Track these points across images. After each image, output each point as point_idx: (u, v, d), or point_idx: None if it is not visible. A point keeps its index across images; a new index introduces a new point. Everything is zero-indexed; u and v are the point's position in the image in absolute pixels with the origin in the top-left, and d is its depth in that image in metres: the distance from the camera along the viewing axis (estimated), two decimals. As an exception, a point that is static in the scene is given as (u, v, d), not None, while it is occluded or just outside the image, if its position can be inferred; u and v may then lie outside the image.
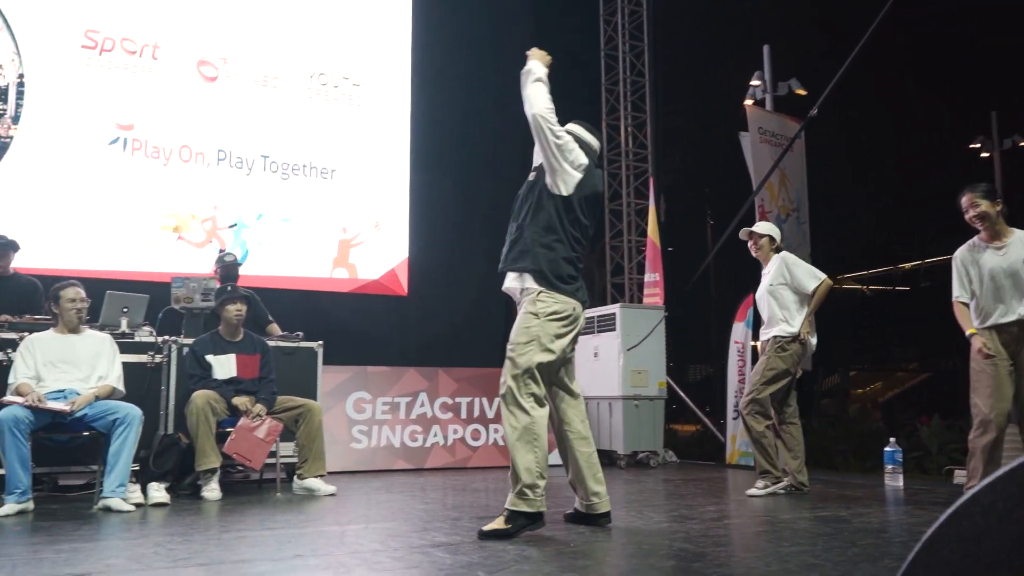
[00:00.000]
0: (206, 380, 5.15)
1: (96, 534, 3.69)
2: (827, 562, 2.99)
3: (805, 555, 3.13)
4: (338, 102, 8.80)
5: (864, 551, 3.23)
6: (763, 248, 5.52)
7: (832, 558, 3.06)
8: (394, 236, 9.00)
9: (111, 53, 7.74)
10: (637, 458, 7.60)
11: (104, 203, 7.58)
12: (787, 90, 8.94)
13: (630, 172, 11.05)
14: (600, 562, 3.09)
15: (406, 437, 6.97)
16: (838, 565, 2.93)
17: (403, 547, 3.33)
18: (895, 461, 5.85)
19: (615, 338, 7.57)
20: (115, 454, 4.45)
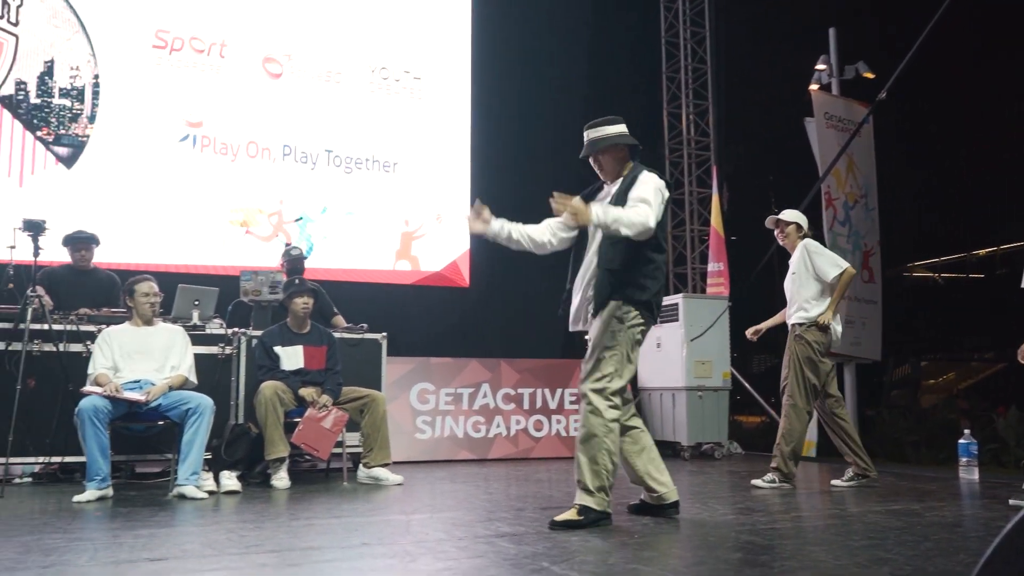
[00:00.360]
0: (274, 371, 5.26)
1: (172, 520, 3.81)
2: (899, 556, 2.92)
3: (876, 549, 3.06)
4: (399, 96, 8.88)
5: (938, 545, 3.15)
6: (790, 236, 5.46)
7: (904, 552, 3.00)
8: (455, 228, 9.05)
9: (180, 52, 7.94)
10: (701, 449, 7.53)
11: (175, 199, 7.79)
12: (854, 74, 8.70)
13: (692, 161, 10.91)
14: (665, 554, 3.08)
15: (469, 427, 7.02)
16: (910, 560, 2.86)
17: (468, 537, 3.36)
18: (970, 454, 5.68)
19: (678, 328, 7.50)
20: (188, 443, 4.58)
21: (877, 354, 8.29)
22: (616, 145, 3.84)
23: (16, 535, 3.31)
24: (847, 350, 7.97)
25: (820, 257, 5.26)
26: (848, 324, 7.90)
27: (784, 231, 5.48)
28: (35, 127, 7.41)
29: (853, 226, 8.11)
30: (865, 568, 2.73)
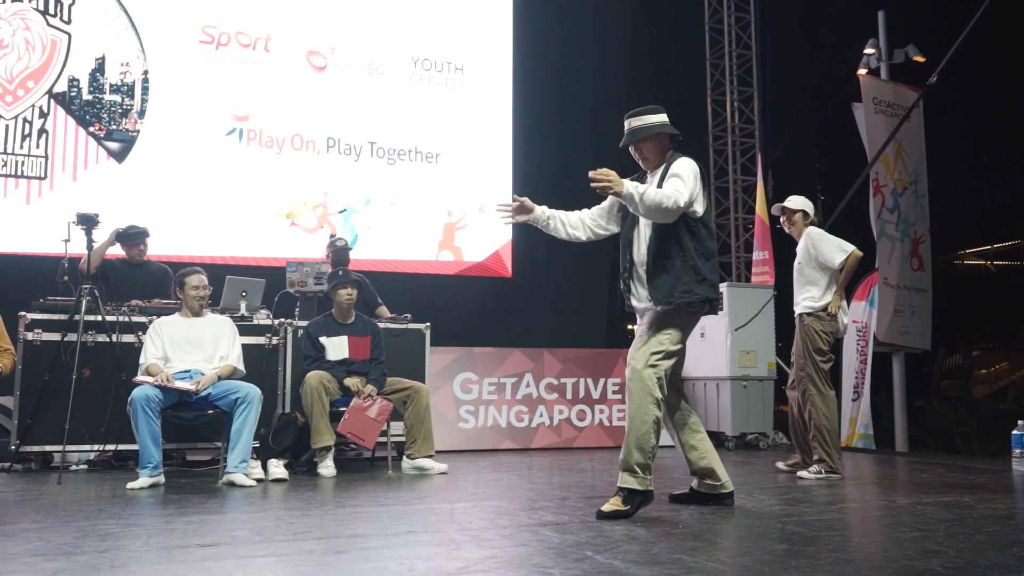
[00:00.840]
0: (320, 361, 5.32)
1: (221, 507, 3.88)
2: (950, 549, 2.87)
3: (926, 541, 3.02)
4: (441, 87, 8.91)
5: (990, 538, 3.09)
6: (796, 224, 5.38)
7: (955, 545, 2.94)
8: (498, 218, 9.03)
9: (226, 47, 8.06)
10: (746, 439, 7.47)
11: (222, 192, 7.91)
12: (903, 57, 8.53)
13: (736, 148, 10.79)
14: (710, 543, 3.06)
15: (512, 417, 7.04)
16: (961, 552, 2.82)
17: (511, 525, 3.38)
18: (1023, 445, 5.55)
19: (722, 317, 7.43)
20: (237, 431, 4.66)
21: (927, 343, 8.14)
22: (658, 134, 3.82)
23: (73, 520, 3.40)
24: (896, 339, 7.85)
25: (824, 243, 5.20)
26: (897, 313, 7.78)
27: (791, 219, 5.41)
28: (87, 123, 7.58)
29: (902, 213, 7.96)
30: (915, 561, 2.69)
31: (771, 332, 7.59)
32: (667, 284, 3.67)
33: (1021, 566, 2.62)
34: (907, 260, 7.97)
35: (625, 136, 3.88)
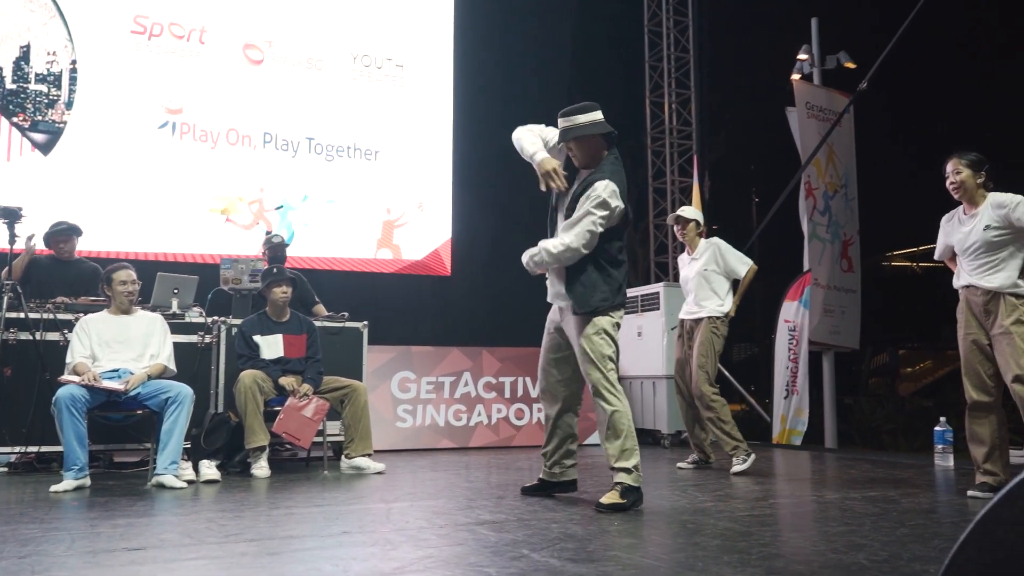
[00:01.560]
0: (254, 360, 5.23)
1: (150, 510, 3.79)
2: (875, 542, 2.95)
3: (853, 535, 3.10)
4: (381, 83, 8.84)
5: (913, 531, 3.19)
6: (690, 232, 5.65)
7: (880, 538, 3.03)
8: (437, 216, 9.03)
9: (160, 38, 7.86)
10: (681, 437, 7.57)
11: (154, 186, 7.72)
12: (835, 64, 8.75)
13: (674, 150, 10.93)
14: (645, 541, 3.10)
15: (450, 416, 7.02)
16: (887, 545, 2.90)
17: (448, 524, 3.37)
18: (945, 441, 5.75)
19: (659, 317, 7.53)
20: (167, 432, 4.55)
21: (855, 343, 8.37)
22: (590, 134, 3.83)
23: (-8, 525, 3.28)
24: (826, 339, 8.04)
25: (731, 254, 5.55)
26: (827, 313, 7.98)
27: (685, 228, 5.68)
28: (11, 113, 7.32)
29: (833, 216, 8.16)
30: (842, 554, 2.76)
31: (706, 331, 7.70)
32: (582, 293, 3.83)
33: (943, 558, 2.71)
34: (837, 261, 8.18)
35: (558, 134, 3.90)
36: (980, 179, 4.23)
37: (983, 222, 4.20)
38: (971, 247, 4.25)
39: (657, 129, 11.08)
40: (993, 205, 4.17)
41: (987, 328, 4.19)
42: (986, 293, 4.20)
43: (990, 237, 4.16)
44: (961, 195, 4.28)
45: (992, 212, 4.17)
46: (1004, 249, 4.16)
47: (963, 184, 4.23)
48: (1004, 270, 4.16)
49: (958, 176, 4.24)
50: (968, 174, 4.22)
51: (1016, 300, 4.11)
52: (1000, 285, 4.14)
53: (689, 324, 5.61)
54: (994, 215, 4.15)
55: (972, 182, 4.22)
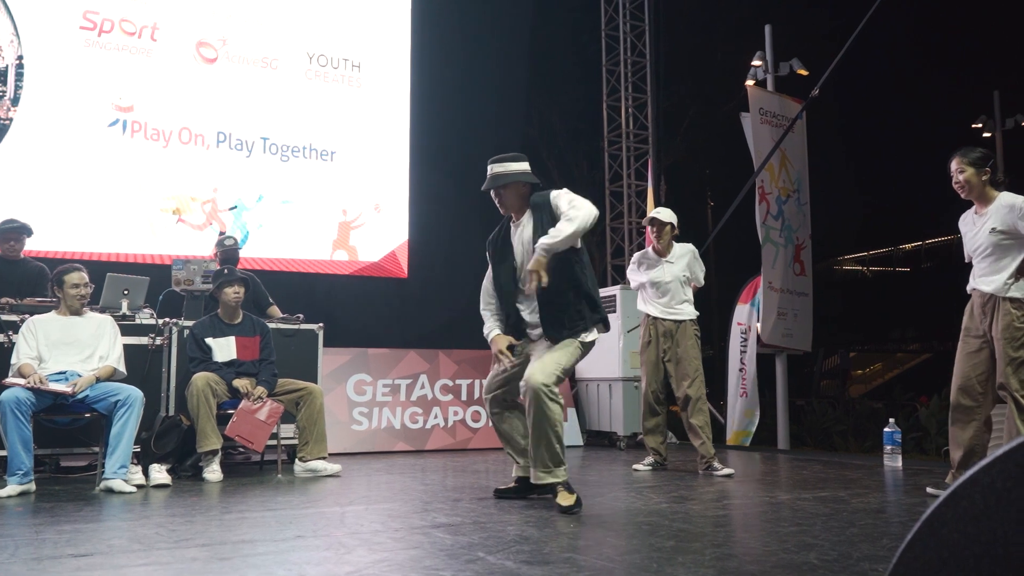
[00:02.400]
0: (207, 363, 5.15)
1: (98, 515, 3.71)
2: (825, 542, 3.00)
3: (804, 535, 3.14)
4: (338, 84, 8.77)
5: (863, 531, 3.25)
6: (666, 236, 5.63)
7: (830, 538, 3.08)
8: (394, 218, 8.99)
9: (110, 34, 7.71)
10: (637, 439, 7.62)
11: (104, 185, 7.56)
12: (788, 70, 8.88)
13: (631, 154, 11.01)
14: (600, 542, 3.11)
15: (407, 419, 6.99)
16: (836, 545, 2.95)
17: (404, 528, 3.35)
18: (894, 442, 5.87)
19: (615, 320, 7.58)
20: (117, 436, 4.46)
21: (808, 345, 8.49)
22: (519, 182, 4.00)
23: (-68, 532, 3.19)
24: (779, 341, 8.15)
25: (699, 262, 5.70)
26: (780, 316, 8.09)
27: (661, 231, 5.64)
28: (-46, 108, 7.12)
29: (786, 220, 8.28)
30: (793, 554, 2.80)
31: (662, 334, 7.76)
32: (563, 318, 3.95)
33: (891, 557, 2.76)
34: (790, 265, 8.30)
35: (487, 180, 4.04)
36: (985, 176, 4.11)
37: (990, 223, 4.09)
38: (978, 248, 4.18)
39: (614, 133, 11.15)
40: (1003, 206, 4.06)
41: (987, 332, 4.15)
42: (983, 296, 4.16)
43: (996, 240, 4.08)
44: (968, 194, 4.17)
45: (1000, 213, 4.06)
46: (1008, 253, 4.08)
47: (968, 183, 4.12)
48: (1003, 274, 4.09)
49: (962, 175, 4.13)
50: (971, 172, 4.11)
51: (1011, 305, 4.06)
52: (996, 289, 4.09)
53: (668, 324, 5.56)
54: (1002, 217, 4.05)
55: (977, 180, 4.11)
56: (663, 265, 5.61)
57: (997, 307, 4.10)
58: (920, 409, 9.06)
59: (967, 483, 0.97)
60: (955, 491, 0.97)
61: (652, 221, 5.70)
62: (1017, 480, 0.92)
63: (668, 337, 5.55)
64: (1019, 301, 4.06)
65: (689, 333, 5.52)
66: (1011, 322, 4.04)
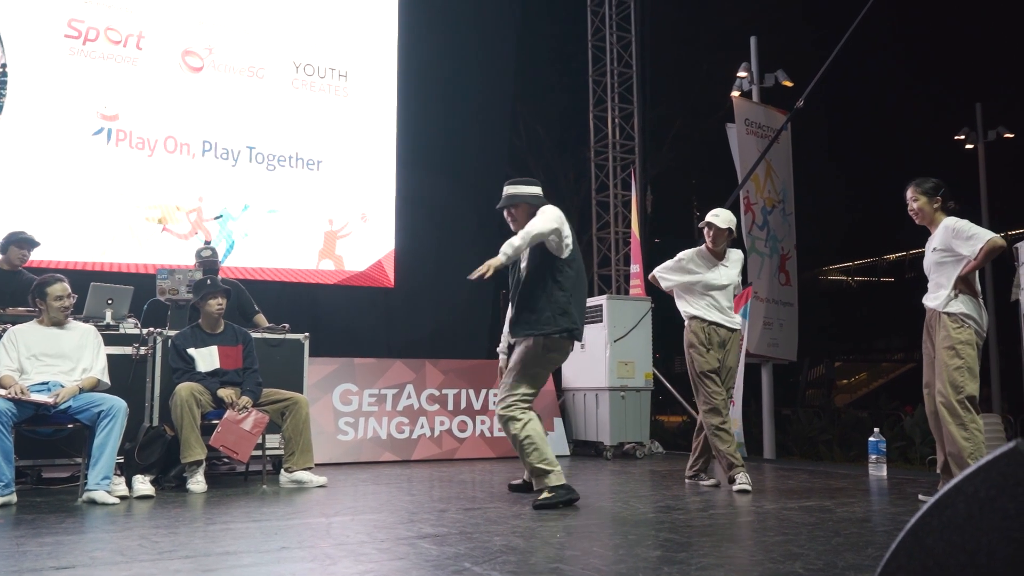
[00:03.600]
0: (190, 373, 5.12)
1: (80, 527, 3.67)
2: (811, 551, 3.01)
3: (789, 544, 3.15)
4: (324, 93, 8.76)
5: (848, 540, 3.25)
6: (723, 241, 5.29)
7: (816, 547, 3.09)
8: (381, 228, 8.97)
9: (95, 43, 7.67)
10: (623, 449, 7.62)
11: (88, 194, 7.52)
12: (773, 82, 8.94)
13: (617, 164, 11.04)
14: (586, 552, 3.10)
15: (393, 429, 6.96)
16: (822, 555, 2.95)
17: (389, 539, 3.33)
18: (879, 451, 5.89)
19: (602, 329, 7.58)
20: (100, 446, 4.42)
21: (793, 355, 8.53)
22: (531, 204, 4.40)
23: (-90, 545, 3.14)
24: (764, 351, 8.18)
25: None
26: (766, 326, 8.12)
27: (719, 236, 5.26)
28: (-63, 116, 7.06)
29: (771, 230, 8.33)
30: (779, 563, 2.80)
31: (648, 344, 7.79)
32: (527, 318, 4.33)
33: (876, 566, 2.77)
34: (775, 275, 8.34)
35: (503, 199, 4.48)
36: (936, 204, 4.45)
37: (933, 244, 4.44)
38: (927, 268, 4.51)
39: (600, 143, 11.19)
40: (943, 227, 4.38)
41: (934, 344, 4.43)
42: (929, 312, 4.46)
43: (936, 258, 4.40)
44: (921, 220, 4.52)
45: (940, 234, 4.38)
46: (946, 272, 4.35)
47: (921, 210, 4.48)
48: (943, 291, 4.37)
49: (915, 203, 4.49)
50: (924, 201, 4.46)
51: (947, 319, 4.32)
52: (937, 305, 4.38)
53: (724, 333, 5.20)
54: (940, 237, 4.37)
55: (928, 208, 4.46)
56: (720, 268, 5.25)
57: (938, 321, 4.38)
58: (905, 418, 9.11)
59: (951, 492, 0.97)
60: (939, 500, 0.98)
61: (708, 225, 5.27)
62: (1000, 489, 0.93)
63: (721, 347, 5.21)
64: (955, 316, 4.32)
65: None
66: (948, 333, 4.31)
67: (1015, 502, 0.91)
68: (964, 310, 4.31)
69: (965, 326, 4.29)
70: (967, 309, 4.31)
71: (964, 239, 4.26)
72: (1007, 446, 0.94)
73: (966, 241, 4.25)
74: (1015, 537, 0.90)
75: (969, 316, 4.30)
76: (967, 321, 4.30)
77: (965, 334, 4.28)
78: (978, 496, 0.94)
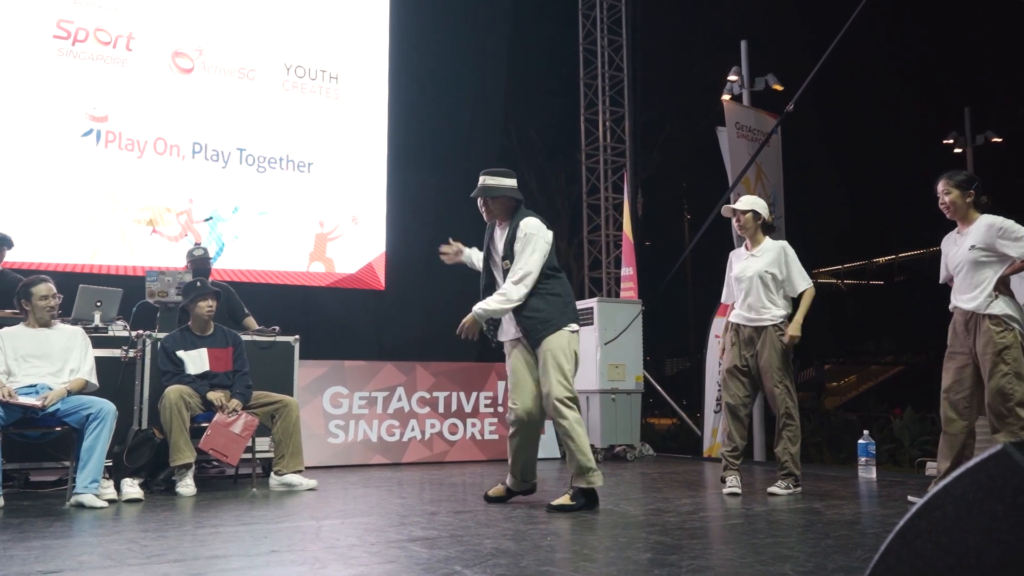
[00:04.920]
0: (180, 376, 5.10)
1: (68, 531, 3.65)
2: (801, 554, 3.01)
3: (779, 547, 3.15)
4: (315, 95, 8.74)
5: (837, 542, 3.26)
6: (748, 225, 5.01)
7: (805, 549, 3.09)
8: (371, 230, 8.96)
9: (84, 43, 7.64)
10: (614, 452, 7.63)
11: (77, 196, 7.49)
12: (764, 85, 8.97)
13: (608, 167, 11.07)
14: (577, 555, 3.10)
15: (383, 432, 6.95)
16: (811, 557, 2.96)
17: (380, 542, 3.32)
18: (868, 453, 5.91)
19: (593, 332, 7.59)
20: (88, 449, 4.39)
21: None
22: (507, 196, 4.44)
23: None
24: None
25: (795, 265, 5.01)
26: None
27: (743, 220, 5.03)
28: (-76, 117, 7.02)
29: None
30: (769, 566, 2.81)
31: (639, 346, 7.80)
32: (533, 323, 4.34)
33: (865, 568, 2.77)
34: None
35: (479, 188, 4.46)
36: (969, 198, 4.27)
37: (970, 241, 4.24)
38: (959, 266, 4.31)
39: (591, 146, 11.20)
40: (984, 225, 4.22)
41: (971, 349, 4.23)
42: (964, 313, 4.27)
43: (973, 256, 4.21)
44: (952, 214, 4.34)
45: (980, 232, 4.21)
46: (986, 271, 4.19)
47: (953, 204, 4.29)
48: (982, 291, 4.19)
49: (947, 197, 4.30)
50: (957, 194, 4.27)
51: (990, 322, 4.14)
52: (976, 306, 4.20)
53: (748, 332, 4.97)
54: (981, 235, 4.20)
55: (961, 201, 4.27)
56: (748, 260, 5.01)
57: (978, 324, 4.19)
58: (894, 421, 9.14)
59: (940, 494, 0.97)
60: (928, 502, 0.98)
61: (732, 212, 5.09)
62: (988, 491, 0.93)
63: (749, 345, 4.95)
64: (998, 318, 4.15)
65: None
66: (991, 338, 4.13)
67: (1003, 504, 0.91)
68: (1008, 311, 4.14)
69: (1009, 328, 4.12)
70: (1011, 310, 4.15)
71: (1013, 239, 4.10)
72: (995, 448, 0.95)
73: (1015, 241, 4.10)
74: (1003, 539, 0.91)
75: (1013, 318, 4.14)
76: (1011, 323, 4.13)
77: (1009, 337, 4.11)
78: (966, 498, 0.94)
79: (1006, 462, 0.92)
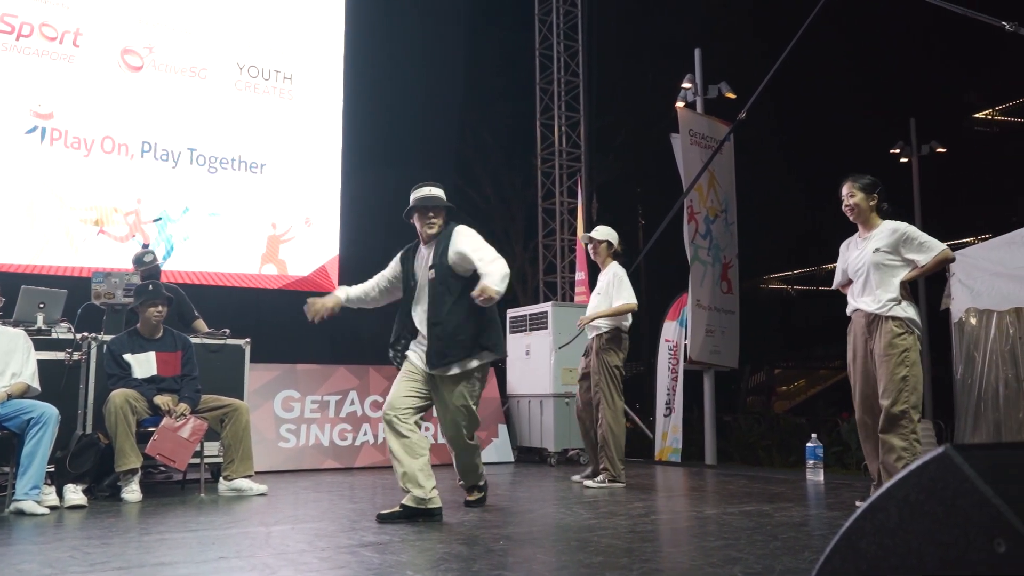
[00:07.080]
0: (126, 379, 4.99)
1: (7, 538, 3.55)
2: (750, 555, 3.04)
3: (729, 549, 3.19)
4: (269, 95, 8.64)
5: (785, 544, 3.30)
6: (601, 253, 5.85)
7: (755, 551, 3.13)
8: (325, 232, 8.87)
9: (29, 38, 7.45)
10: (567, 456, 7.65)
11: (21, 194, 7.29)
12: (717, 93, 9.08)
13: (563, 172, 11.10)
14: (529, 559, 3.10)
15: (335, 436, 6.88)
16: (760, 559, 2.99)
17: (331, 547, 3.29)
18: (816, 456, 6.01)
19: (547, 336, 7.60)
20: (29, 455, 4.28)
21: (735, 362, 8.65)
22: (445, 207, 4.37)
23: None
24: (707, 358, 8.28)
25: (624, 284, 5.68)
26: (708, 333, 8.23)
27: (597, 248, 5.86)
28: None
29: (714, 239, 8.44)
30: (718, 568, 2.83)
31: (593, 350, 7.81)
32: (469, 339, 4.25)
33: (811, 569, 2.81)
34: (717, 283, 8.45)
35: (420, 200, 4.34)
36: (873, 201, 4.37)
37: (874, 244, 4.32)
38: (860, 270, 4.38)
39: (547, 151, 11.23)
40: (888, 230, 4.32)
41: (870, 350, 4.30)
42: (866, 316, 4.33)
43: (878, 259, 4.29)
44: (856, 217, 4.42)
45: (885, 236, 4.31)
46: (889, 274, 4.27)
47: (857, 206, 4.38)
48: (885, 293, 4.26)
49: (852, 199, 4.39)
50: (861, 197, 4.37)
51: (892, 324, 4.21)
52: (880, 308, 4.26)
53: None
54: (886, 239, 4.30)
55: (866, 204, 4.37)
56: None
57: (880, 326, 4.25)
58: (841, 424, 9.29)
59: (883, 496, 0.99)
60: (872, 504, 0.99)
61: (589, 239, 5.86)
62: (930, 493, 0.95)
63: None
64: (901, 320, 4.22)
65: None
66: (891, 339, 4.20)
67: (943, 506, 0.93)
68: (911, 315, 4.22)
69: (910, 332, 4.19)
70: (914, 315, 4.24)
71: (917, 245, 4.22)
72: (937, 451, 0.97)
73: (919, 247, 4.22)
74: (943, 541, 0.92)
75: (915, 322, 4.22)
76: (912, 328, 4.21)
77: (910, 340, 4.18)
78: (909, 500, 0.96)
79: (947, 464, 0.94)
